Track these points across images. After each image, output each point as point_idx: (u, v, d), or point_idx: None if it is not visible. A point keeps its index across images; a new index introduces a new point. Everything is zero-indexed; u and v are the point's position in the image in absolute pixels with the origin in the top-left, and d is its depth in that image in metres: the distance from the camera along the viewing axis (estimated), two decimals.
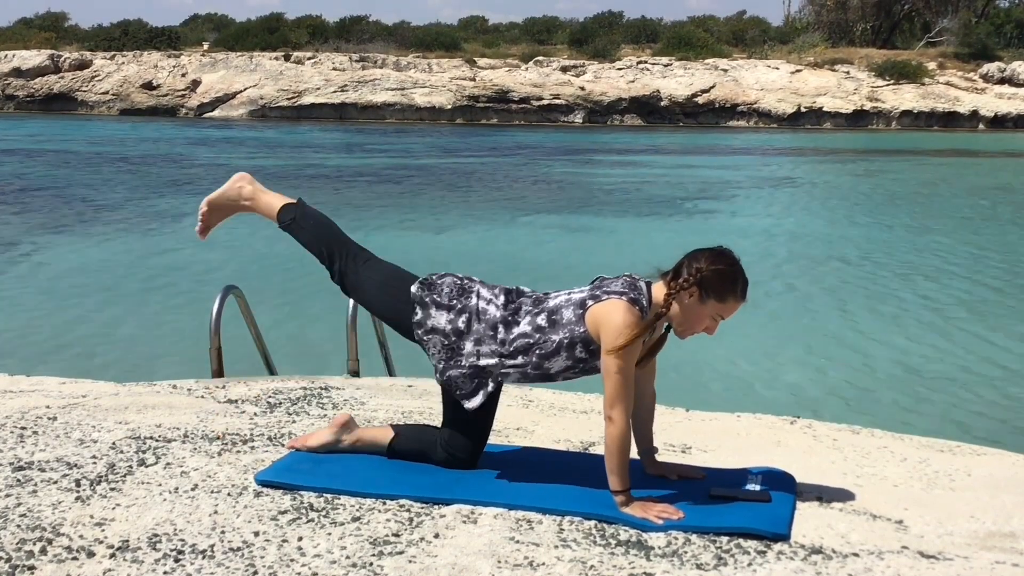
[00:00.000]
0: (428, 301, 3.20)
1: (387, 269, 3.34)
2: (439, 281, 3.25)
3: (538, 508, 3.04)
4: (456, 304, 3.18)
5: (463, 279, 3.26)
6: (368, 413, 4.15)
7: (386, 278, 3.30)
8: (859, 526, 2.99)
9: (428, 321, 3.19)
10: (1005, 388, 7.80)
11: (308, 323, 9.39)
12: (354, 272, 3.31)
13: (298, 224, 3.37)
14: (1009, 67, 44.71)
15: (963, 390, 7.72)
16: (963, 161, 29.31)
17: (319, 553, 2.72)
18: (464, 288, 3.22)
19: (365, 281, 3.31)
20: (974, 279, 12.14)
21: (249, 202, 3.43)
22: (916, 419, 6.84)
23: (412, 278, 3.29)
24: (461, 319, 3.17)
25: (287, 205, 3.40)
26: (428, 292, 3.22)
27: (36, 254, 12.74)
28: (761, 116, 42.57)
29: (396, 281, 3.28)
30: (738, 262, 3.07)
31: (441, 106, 41.88)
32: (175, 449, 3.51)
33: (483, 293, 3.21)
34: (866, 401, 7.41)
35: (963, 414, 7.15)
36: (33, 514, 2.91)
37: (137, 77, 42.90)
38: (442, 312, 3.19)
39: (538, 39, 49.98)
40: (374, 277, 3.30)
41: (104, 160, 24.48)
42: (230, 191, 3.45)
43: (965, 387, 7.80)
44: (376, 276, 3.30)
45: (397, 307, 3.25)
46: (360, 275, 3.31)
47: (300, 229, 3.37)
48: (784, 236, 15.01)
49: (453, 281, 3.24)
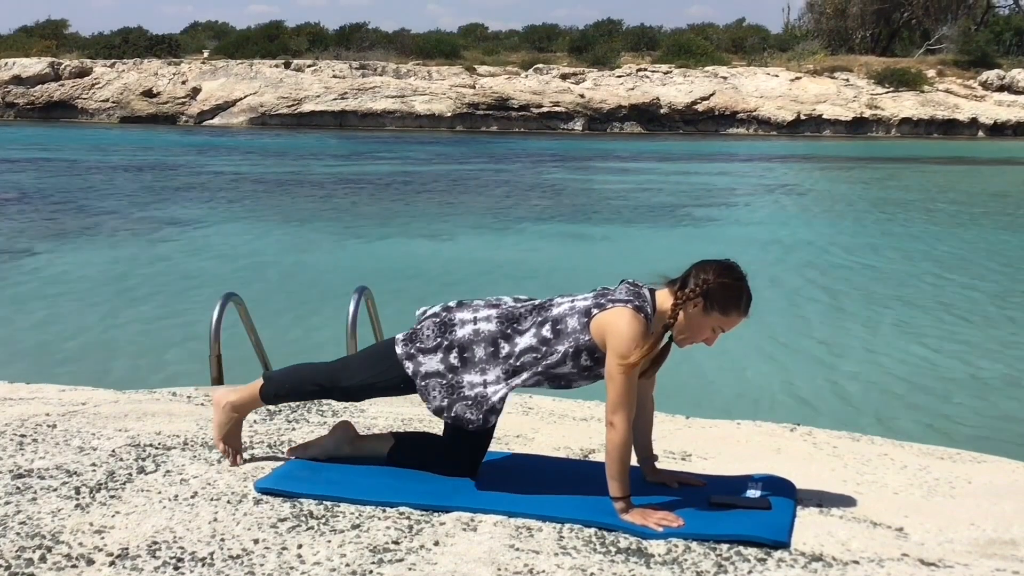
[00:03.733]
0: (414, 352, 3.19)
1: (363, 358, 3.39)
2: (419, 328, 3.24)
3: (538, 515, 3.03)
4: (443, 342, 3.17)
5: (441, 314, 3.24)
6: (368, 420, 4.15)
7: (369, 364, 3.30)
8: (859, 533, 2.99)
9: (421, 368, 3.17)
10: (1006, 395, 7.79)
11: (307, 330, 9.38)
12: (347, 384, 3.32)
13: (280, 393, 3.44)
14: (1008, 75, 44.77)
15: (963, 397, 7.72)
16: (962, 169, 29.33)
17: (319, 561, 2.72)
18: (446, 323, 3.20)
19: (359, 383, 3.30)
20: (974, 286, 12.14)
21: (238, 412, 3.45)
22: (916, 426, 6.84)
23: (390, 344, 3.28)
24: (452, 355, 3.15)
25: (261, 387, 3.42)
26: (411, 344, 3.21)
27: (36, 261, 12.74)
28: (761, 124, 42.61)
29: (378, 360, 3.29)
30: (744, 277, 3.08)
31: (441, 114, 41.92)
32: (175, 456, 3.51)
33: (467, 318, 3.18)
34: (866, 408, 7.40)
35: (963, 421, 7.14)
36: (33, 522, 2.91)
37: (137, 85, 42.93)
38: (430, 356, 3.17)
39: (538, 47, 50.05)
40: (362, 374, 3.30)
41: (103, 168, 24.49)
42: (220, 418, 3.44)
43: (965, 394, 7.79)
44: (362, 372, 3.30)
45: (397, 377, 3.23)
46: (352, 382, 3.31)
47: (285, 395, 3.46)
48: (784, 243, 15.01)
49: (432, 322, 3.22)
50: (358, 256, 13.48)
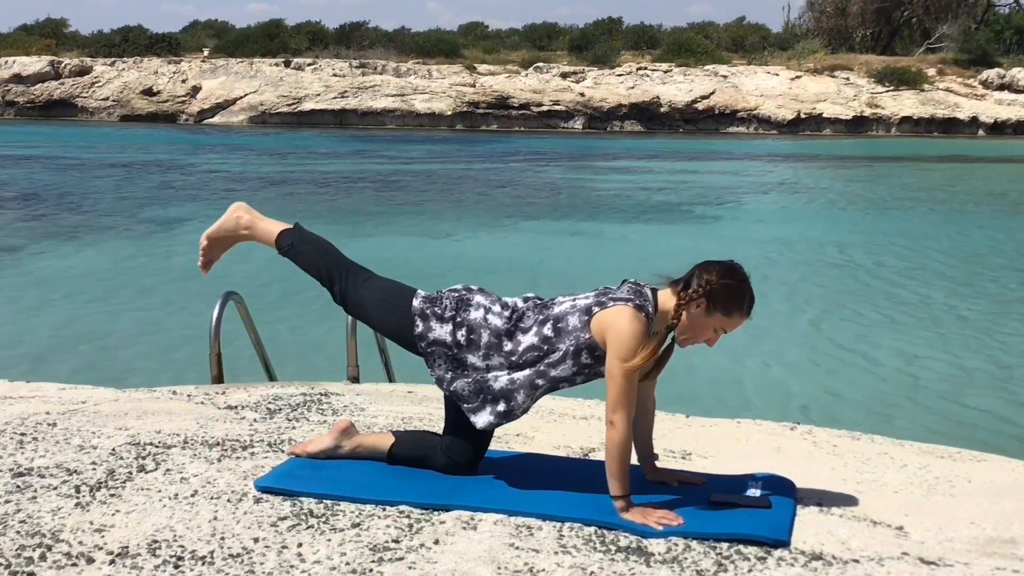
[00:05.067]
0: (429, 314, 3.21)
1: (386, 285, 3.35)
2: (442, 295, 3.27)
3: (538, 514, 3.03)
4: (457, 317, 3.19)
5: (464, 291, 3.27)
6: (368, 419, 4.15)
7: (386, 295, 3.31)
8: (859, 532, 2.99)
9: (429, 334, 3.20)
10: (1006, 394, 7.80)
11: (308, 329, 9.38)
12: (354, 291, 3.33)
13: (296, 249, 3.40)
14: (1009, 73, 44.73)
15: (964, 396, 7.72)
16: (963, 167, 29.32)
17: (319, 559, 2.72)
18: (464, 300, 3.23)
19: (366, 300, 3.32)
20: (975, 284, 12.14)
21: (247, 231, 3.43)
22: (916, 425, 6.84)
23: (411, 292, 3.30)
24: (460, 332, 3.18)
25: (285, 231, 3.42)
26: (430, 305, 3.23)
27: (36, 260, 12.74)
28: (761, 122, 42.59)
29: (395, 297, 3.29)
30: (748, 279, 3.08)
31: (441, 112, 41.91)
32: (175, 455, 3.51)
33: (483, 303, 3.22)
34: (866, 407, 7.40)
35: (963, 420, 7.15)
36: (33, 520, 2.91)
37: (137, 83, 42.92)
38: (443, 324, 3.20)
39: (538, 45, 50.02)
40: (374, 295, 3.31)
41: (103, 166, 24.50)
42: (227, 222, 3.44)
43: (966, 393, 7.79)
44: (376, 294, 3.31)
45: (399, 322, 3.25)
46: (360, 294, 3.32)
47: (299, 254, 3.40)
48: (784, 242, 15.01)
49: (454, 295, 3.26)
50: (358, 254, 13.36)
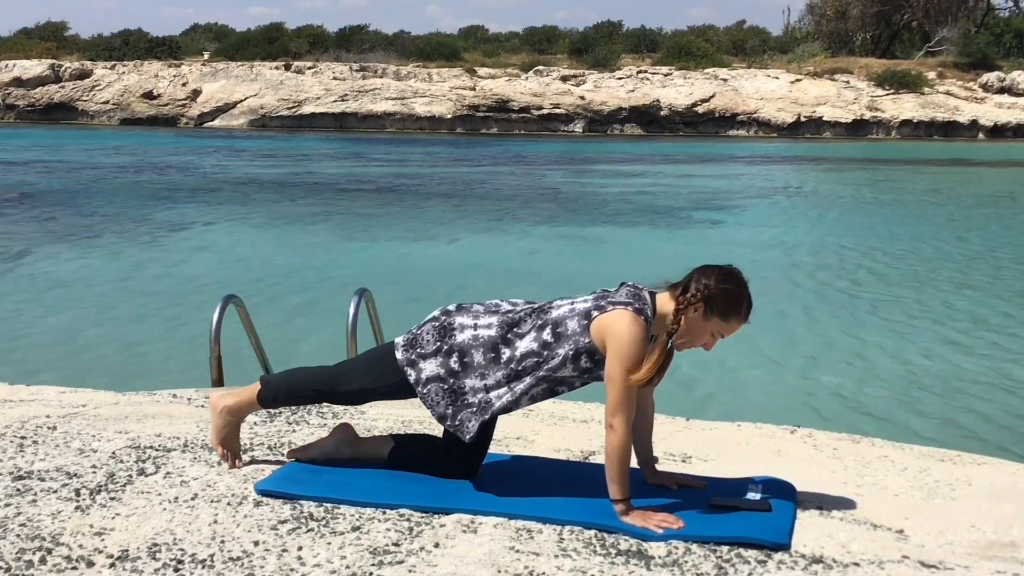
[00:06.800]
0: (415, 358, 3.19)
1: (364, 362, 3.38)
2: (418, 333, 3.23)
3: (538, 517, 3.03)
4: (443, 346, 3.17)
5: (440, 318, 3.23)
6: (368, 423, 4.15)
7: (370, 369, 3.30)
8: (859, 535, 2.99)
9: (422, 375, 3.17)
10: (1006, 397, 7.79)
11: (308, 332, 9.38)
12: (346, 388, 3.32)
13: (277, 398, 3.41)
14: (1008, 77, 44.77)
15: (964, 400, 7.71)
16: (963, 170, 29.33)
17: (319, 563, 2.72)
18: (445, 328, 3.19)
19: (357, 389, 3.31)
20: (975, 287, 12.14)
21: (236, 415, 3.44)
22: (917, 429, 6.83)
23: (389, 348, 3.28)
24: (452, 360, 3.15)
25: (259, 392, 3.41)
26: (412, 350, 3.21)
27: (36, 263, 12.74)
28: (761, 125, 42.63)
29: (379, 365, 3.28)
30: (746, 284, 3.08)
31: (441, 115, 41.94)
32: (175, 458, 3.51)
33: (467, 323, 3.18)
34: (867, 410, 7.40)
35: (964, 424, 7.14)
36: (33, 523, 2.91)
37: (137, 87, 42.97)
38: (430, 360, 3.17)
39: (538, 49, 50.08)
40: (362, 379, 3.30)
41: (104, 170, 24.50)
42: (218, 421, 3.43)
43: (966, 397, 7.79)
44: (364, 376, 3.30)
45: (398, 382, 3.23)
46: (352, 386, 3.31)
47: (282, 399, 3.43)
48: (784, 245, 15.01)
49: (431, 327, 3.22)
50: (358, 258, 13.49)
